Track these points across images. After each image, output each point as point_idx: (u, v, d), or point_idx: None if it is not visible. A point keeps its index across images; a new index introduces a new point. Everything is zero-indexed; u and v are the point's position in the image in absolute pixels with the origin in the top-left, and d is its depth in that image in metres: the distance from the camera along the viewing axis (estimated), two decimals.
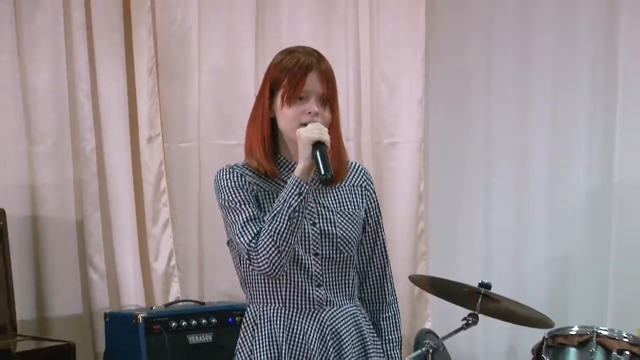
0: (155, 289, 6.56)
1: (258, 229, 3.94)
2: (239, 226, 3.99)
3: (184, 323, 6.16)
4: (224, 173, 4.08)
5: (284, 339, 4.06)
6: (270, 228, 3.89)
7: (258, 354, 4.08)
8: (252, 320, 4.12)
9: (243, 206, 4.01)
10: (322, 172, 3.83)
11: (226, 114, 6.58)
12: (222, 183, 4.07)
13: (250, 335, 4.12)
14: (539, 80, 6.62)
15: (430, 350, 5.34)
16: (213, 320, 6.26)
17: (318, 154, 3.86)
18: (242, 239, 3.97)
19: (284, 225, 3.89)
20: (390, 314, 4.25)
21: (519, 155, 6.68)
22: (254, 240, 3.93)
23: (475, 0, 6.64)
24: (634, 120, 6.47)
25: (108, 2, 6.47)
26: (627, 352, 5.23)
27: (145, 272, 6.57)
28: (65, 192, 6.50)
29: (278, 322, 4.08)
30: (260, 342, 4.09)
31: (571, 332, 5.38)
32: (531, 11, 6.57)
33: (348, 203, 4.15)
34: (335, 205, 4.12)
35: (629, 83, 6.45)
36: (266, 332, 4.09)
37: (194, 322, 6.20)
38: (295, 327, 4.06)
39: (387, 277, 4.26)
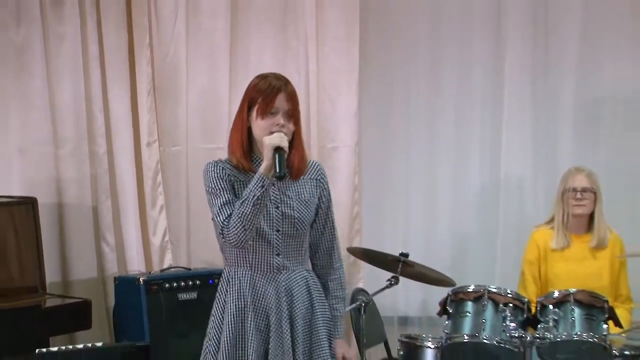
0: (153, 258, 6.61)
1: (230, 211, 3.98)
2: (217, 208, 4.03)
3: (175, 284, 6.18)
4: (211, 166, 4.12)
5: (249, 294, 4.10)
6: (238, 212, 3.95)
7: (229, 305, 4.12)
8: (226, 279, 4.18)
9: (221, 192, 4.05)
10: (277, 171, 3.89)
11: (208, 125, 6.57)
12: (209, 174, 4.10)
13: (224, 290, 4.17)
14: (445, 99, 6.61)
15: (363, 304, 5.22)
16: (197, 282, 6.25)
17: (276, 156, 3.91)
18: (218, 218, 4.02)
19: (249, 210, 3.93)
20: (336, 276, 4.30)
21: (430, 156, 6.67)
22: (226, 220, 3.98)
23: (398, 39, 6.59)
24: (514, 131, 6.49)
25: (116, 39, 6.53)
26: (511, 305, 5.14)
27: (145, 245, 6.63)
28: (83, 185, 6.57)
29: (245, 281, 4.12)
30: (231, 296, 4.13)
31: (468, 290, 5.27)
32: (440, 48, 6.57)
33: (305, 192, 4.18)
34: (294, 194, 4.15)
35: (512, 104, 6.48)
36: (236, 288, 4.13)
37: (182, 283, 6.20)
38: (258, 286, 4.10)
39: (334, 248, 4.31)
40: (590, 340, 5.05)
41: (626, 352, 5.16)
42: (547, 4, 6.50)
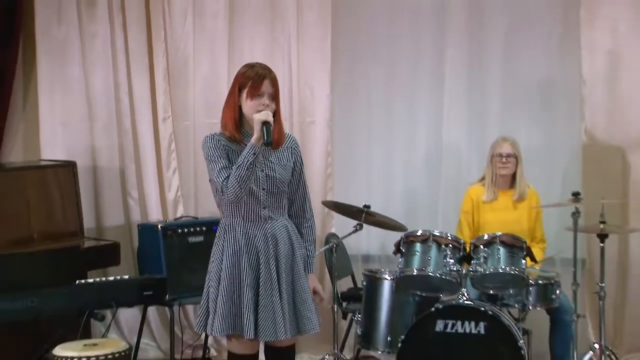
0: (168, 209, 6.63)
1: (228, 174, 4.02)
2: (217, 172, 4.06)
3: (186, 230, 6.20)
4: (208, 138, 4.16)
5: (243, 240, 4.14)
6: (235, 174, 3.98)
7: (227, 249, 4.16)
8: (223, 229, 4.21)
9: (219, 159, 4.08)
10: (265, 139, 3.96)
11: (210, 105, 6.51)
12: (207, 144, 4.13)
13: (222, 237, 4.20)
14: (399, 84, 6.50)
15: (334, 245, 5.39)
16: (204, 228, 6.23)
17: (264, 129, 3.97)
18: (218, 179, 4.05)
19: (244, 173, 3.98)
20: (308, 224, 4.33)
21: (387, 129, 6.57)
22: (225, 181, 4.01)
23: (362, 37, 6.52)
24: (453, 109, 6.41)
25: (138, 36, 6.55)
26: (450, 245, 5.22)
27: (162, 199, 6.65)
28: (113, 152, 6.66)
29: (239, 229, 4.16)
30: (229, 242, 4.17)
31: (417, 234, 5.29)
32: (395, 44, 6.48)
33: (284, 158, 4.21)
34: (276, 160, 4.19)
35: (451, 88, 6.42)
36: (232, 235, 4.16)
37: (192, 229, 6.22)
38: (250, 232, 4.15)
39: (307, 202, 4.33)
40: (512, 272, 5.14)
41: (540, 282, 5.31)
42: (479, 6, 6.41)
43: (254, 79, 4.09)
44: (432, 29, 6.50)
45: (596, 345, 5.48)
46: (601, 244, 5.40)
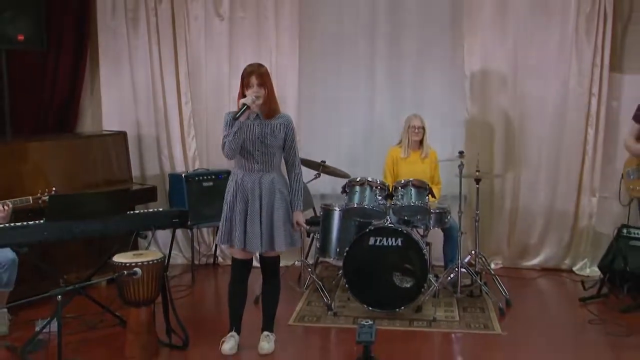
0: (189, 164, 6.52)
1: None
2: (222, 137, 4.06)
3: (201, 177, 6.20)
4: (226, 113, 4.14)
5: (240, 184, 4.14)
6: (227, 139, 4.00)
7: (230, 189, 4.18)
8: (231, 175, 4.23)
9: (226, 129, 4.06)
10: (237, 114, 3.95)
11: (216, 94, 6.42)
12: (225, 118, 4.11)
13: (230, 180, 4.22)
14: (344, 82, 6.35)
15: None
16: (213, 176, 6.24)
17: (241, 109, 3.97)
18: (221, 142, 4.05)
19: (232, 138, 3.99)
20: (296, 177, 4.22)
21: (338, 109, 6.44)
22: (223, 144, 4.03)
23: (317, 52, 6.42)
24: (382, 97, 6.38)
25: (167, 47, 6.41)
26: (379, 187, 5.18)
27: (185, 156, 6.54)
28: (151, 125, 6.60)
29: (239, 177, 4.16)
30: (231, 184, 4.19)
31: (357, 180, 5.23)
32: (342, 58, 6.36)
33: (276, 130, 4.14)
34: (269, 130, 4.12)
35: (381, 84, 6.37)
36: (234, 180, 4.18)
37: (205, 177, 6.22)
38: (245, 180, 4.14)
39: (296, 161, 4.24)
40: (419, 205, 5.17)
41: (437, 210, 5.36)
42: (397, 35, 6.35)
43: (246, 76, 4.08)
44: (365, 49, 6.43)
45: (473, 252, 5.55)
46: (477, 185, 5.44)
